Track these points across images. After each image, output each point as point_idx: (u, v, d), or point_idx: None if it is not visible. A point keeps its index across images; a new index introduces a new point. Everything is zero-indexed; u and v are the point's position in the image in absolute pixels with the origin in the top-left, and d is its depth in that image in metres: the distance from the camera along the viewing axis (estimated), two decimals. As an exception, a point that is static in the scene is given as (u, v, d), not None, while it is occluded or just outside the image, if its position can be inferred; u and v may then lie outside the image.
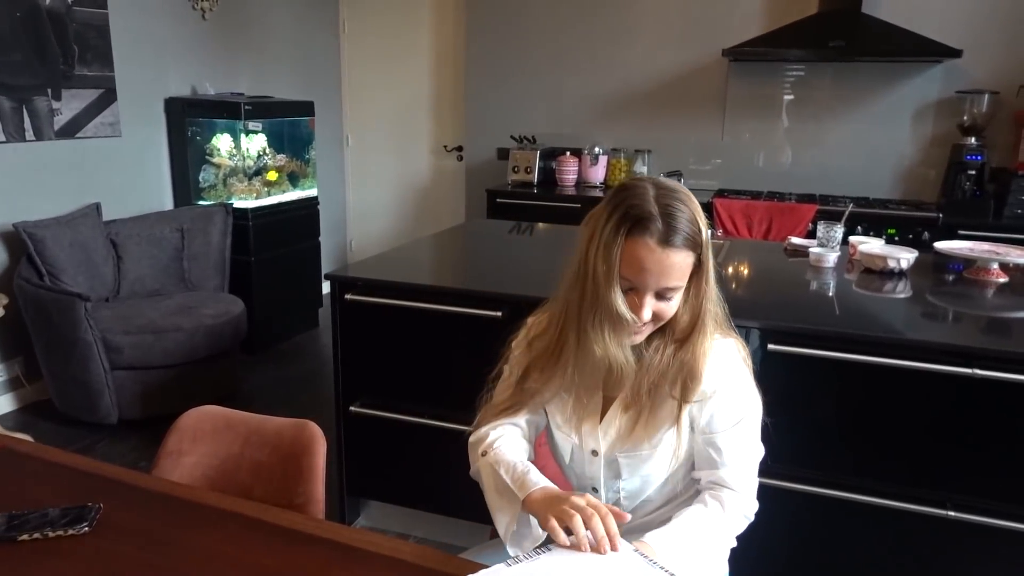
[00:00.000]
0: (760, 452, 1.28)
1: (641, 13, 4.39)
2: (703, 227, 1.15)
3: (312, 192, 4.57)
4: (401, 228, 5.44)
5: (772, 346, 1.84)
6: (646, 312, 1.15)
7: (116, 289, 3.57)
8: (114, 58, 3.74)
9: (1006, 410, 1.74)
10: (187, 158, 4.11)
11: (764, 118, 4.28)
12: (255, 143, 4.13)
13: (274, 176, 4.27)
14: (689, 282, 1.18)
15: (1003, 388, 1.71)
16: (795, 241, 2.75)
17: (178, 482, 1.42)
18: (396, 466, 2.39)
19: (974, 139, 3.77)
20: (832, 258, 2.43)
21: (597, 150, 4.47)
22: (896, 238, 3.62)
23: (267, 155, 4.22)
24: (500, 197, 4.35)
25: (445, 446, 2.22)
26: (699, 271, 1.18)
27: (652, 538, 1.14)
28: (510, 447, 1.28)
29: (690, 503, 1.27)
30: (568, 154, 4.50)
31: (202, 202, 4.13)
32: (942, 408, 1.79)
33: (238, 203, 4.05)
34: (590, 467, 1.31)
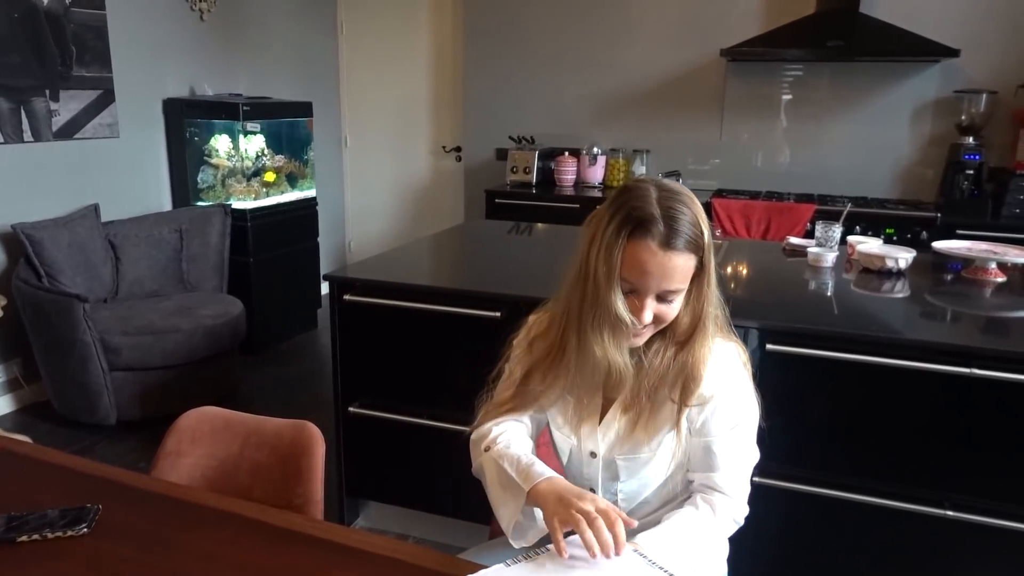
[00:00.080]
0: (755, 457, 1.27)
1: (639, 13, 4.39)
2: (705, 230, 1.15)
3: (311, 193, 4.57)
4: (400, 229, 5.44)
5: (770, 346, 1.84)
6: (647, 315, 1.15)
7: (115, 290, 3.57)
8: (112, 59, 3.74)
9: (1004, 409, 1.74)
10: (185, 159, 4.11)
11: (762, 118, 4.29)
12: (253, 144, 4.13)
13: (272, 177, 4.27)
14: (690, 285, 1.17)
15: (1001, 387, 1.72)
16: (793, 241, 2.75)
17: (177, 483, 1.42)
18: (395, 467, 2.39)
19: (972, 139, 3.77)
20: (830, 258, 2.44)
21: (595, 150, 4.47)
22: (894, 238, 3.62)
23: (266, 156, 4.22)
24: (499, 197, 4.35)
25: (444, 446, 2.23)
26: (701, 274, 1.17)
27: (642, 539, 1.14)
28: (514, 442, 1.27)
29: (683, 504, 1.26)
30: (566, 154, 4.51)
31: (200, 203, 4.13)
32: (940, 407, 1.79)
33: (237, 204, 4.05)
34: (588, 469, 1.31)
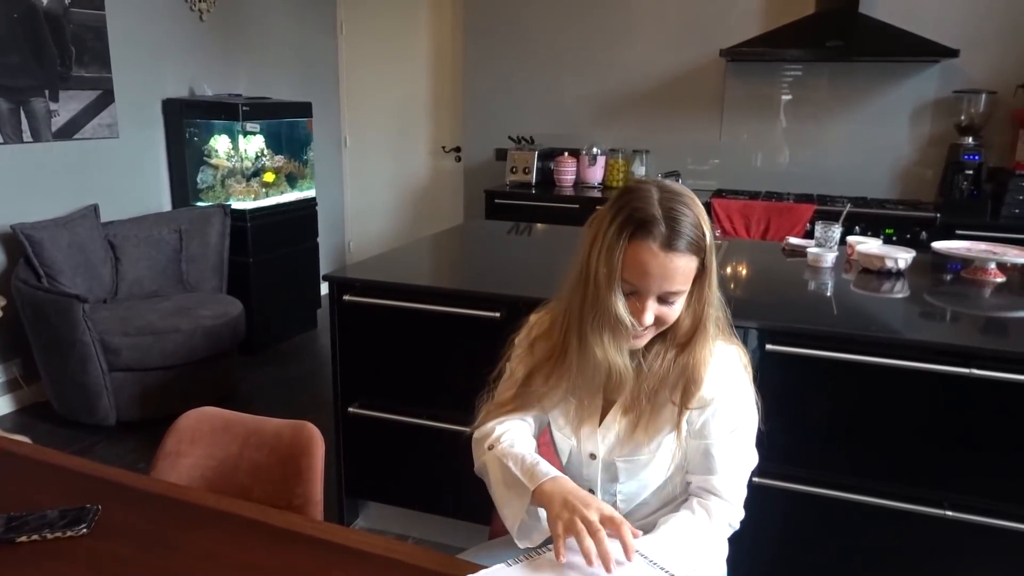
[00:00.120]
0: (753, 462, 1.27)
1: (638, 14, 4.39)
2: (707, 231, 1.14)
3: (310, 193, 4.57)
4: (399, 229, 5.44)
5: (770, 346, 1.84)
6: (648, 316, 1.14)
7: (114, 290, 3.57)
8: (111, 59, 3.74)
9: (1004, 410, 1.74)
10: (185, 159, 4.11)
11: (762, 118, 4.29)
12: (253, 144, 4.13)
13: (271, 177, 4.27)
14: (692, 286, 1.16)
15: (1001, 388, 1.72)
16: (793, 241, 2.75)
17: (176, 483, 1.42)
18: (395, 467, 2.39)
19: (971, 139, 3.77)
20: (830, 258, 2.44)
21: (595, 151, 4.47)
22: (894, 238, 3.62)
23: (265, 156, 4.22)
24: (498, 198, 4.35)
25: (444, 447, 2.23)
26: (702, 275, 1.16)
27: (639, 544, 1.14)
28: (517, 440, 1.26)
29: (682, 505, 1.26)
30: (566, 155, 4.51)
31: (200, 203, 4.13)
32: (940, 408, 1.79)
33: (236, 204, 4.05)
34: (587, 470, 1.30)
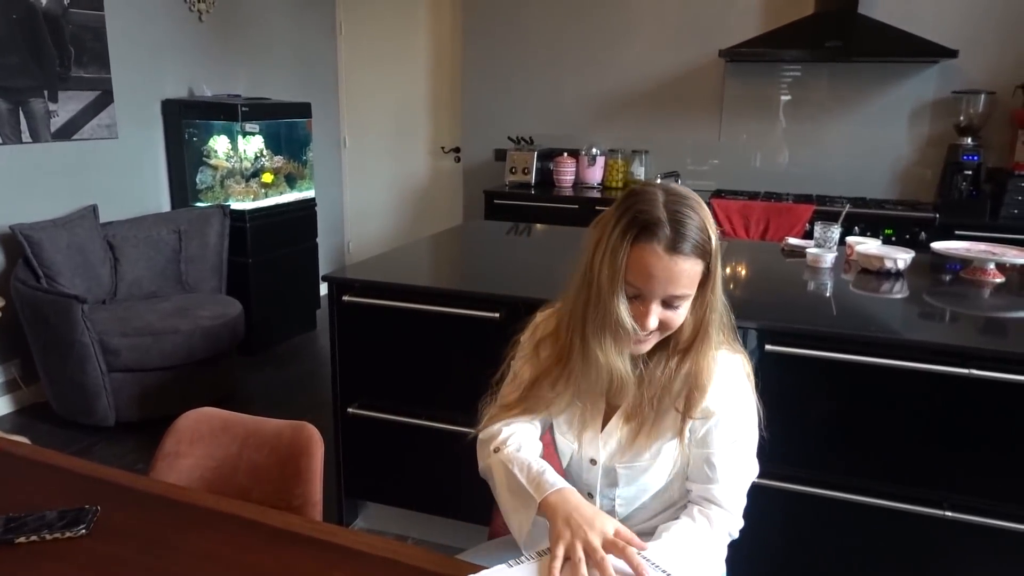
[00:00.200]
0: (754, 472, 1.26)
1: (637, 14, 4.39)
2: (713, 235, 1.13)
3: (309, 194, 4.56)
4: (399, 229, 5.44)
5: (769, 346, 1.84)
6: (652, 320, 1.13)
7: (113, 291, 3.57)
8: (111, 60, 3.74)
9: (1003, 410, 1.74)
10: (184, 160, 4.11)
11: (761, 119, 4.29)
12: (252, 145, 4.12)
13: (270, 178, 4.26)
14: (696, 291, 1.15)
15: (1000, 388, 1.72)
16: (792, 241, 2.75)
17: (175, 484, 1.42)
18: (394, 468, 2.39)
19: (970, 139, 3.78)
20: (829, 258, 2.44)
21: (594, 151, 4.47)
22: (893, 238, 3.62)
23: (264, 157, 4.22)
24: (497, 198, 4.35)
25: (443, 447, 2.23)
26: (707, 280, 1.15)
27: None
28: (523, 444, 1.26)
29: (681, 510, 1.26)
30: (565, 155, 4.51)
31: (199, 204, 4.12)
32: (939, 408, 1.79)
33: (235, 205, 4.04)
34: (587, 475, 1.30)
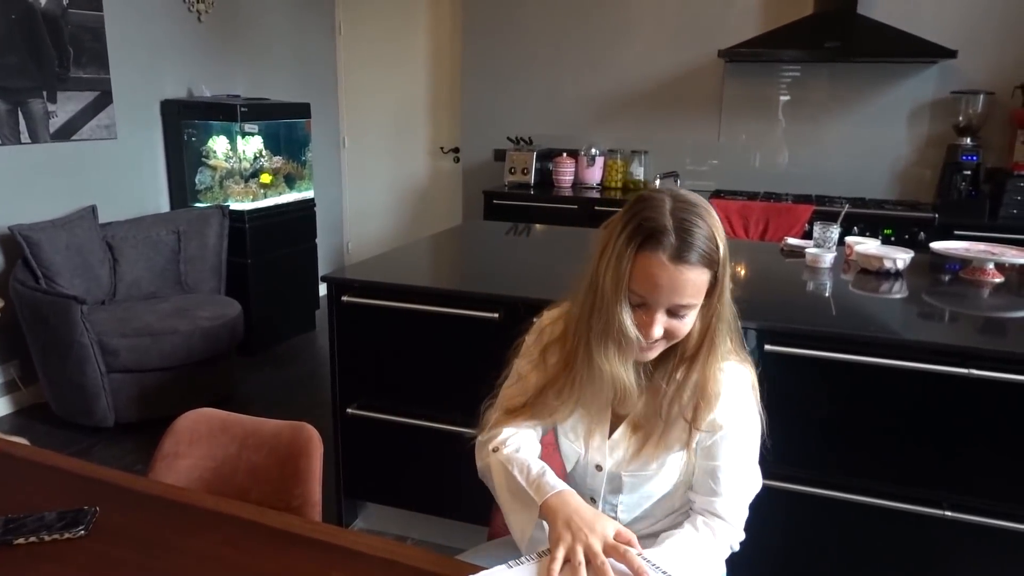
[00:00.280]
0: (757, 485, 1.26)
1: (637, 14, 4.39)
2: (721, 244, 1.11)
3: (309, 194, 4.56)
4: (398, 230, 5.44)
5: (769, 346, 1.84)
6: (656, 330, 1.12)
7: (112, 292, 3.57)
8: (110, 60, 3.73)
9: (1002, 410, 1.74)
10: (183, 160, 4.11)
11: (760, 119, 4.29)
12: (251, 145, 4.12)
13: (268, 179, 4.26)
14: (704, 299, 1.13)
15: (999, 388, 1.72)
16: (791, 242, 2.75)
17: (174, 485, 1.42)
18: (394, 468, 2.39)
19: (969, 139, 3.78)
20: (828, 258, 2.44)
21: (594, 151, 4.47)
22: (892, 238, 3.62)
23: (263, 157, 4.22)
24: (497, 198, 4.35)
25: (443, 448, 2.23)
26: (714, 289, 1.13)
27: (644, 554, 1.14)
28: (523, 445, 1.26)
29: (683, 517, 1.26)
30: (564, 155, 4.51)
31: (198, 204, 4.12)
32: (938, 408, 1.79)
33: (234, 205, 4.04)
34: (592, 480, 1.30)
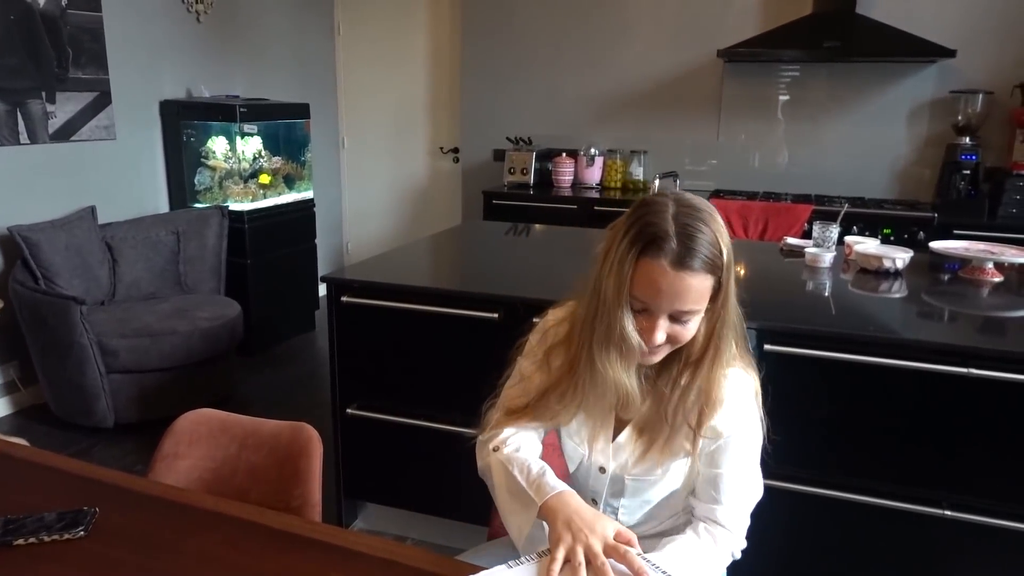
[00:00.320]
0: (758, 494, 1.25)
1: (636, 14, 4.39)
2: (725, 249, 1.10)
3: (308, 194, 4.56)
4: (397, 230, 5.44)
5: (768, 346, 1.84)
6: (659, 335, 1.11)
7: (111, 292, 3.57)
8: (109, 61, 3.73)
9: (1002, 409, 1.74)
10: (182, 161, 4.11)
11: (759, 119, 4.29)
12: (251, 146, 4.12)
13: (267, 179, 4.26)
14: (708, 303, 1.13)
15: (999, 387, 1.72)
16: (791, 241, 2.75)
17: (174, 485, 1.41)
18: (393, 468, 2.39)
19: (969, 139, 3.78)
20: (828, 258, 2.44)
21: (593, 151, 4.47)
22: (891, 238, 3.62)
23: (263, 158, 4.21)
24: (496, 199, 4.35)
25: (443, 448, 2.23)
26: (719, 294, 1.12)
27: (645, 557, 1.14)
28: (524, 445, 1.26)
29: (684, 519, 1.26)
30: (564, 155, 4.51)
31: (197, 205, 4.12)
32: (938, 407, 1.79)
33: (234, 206, 4.04)
34: (595, 482, 1.30)
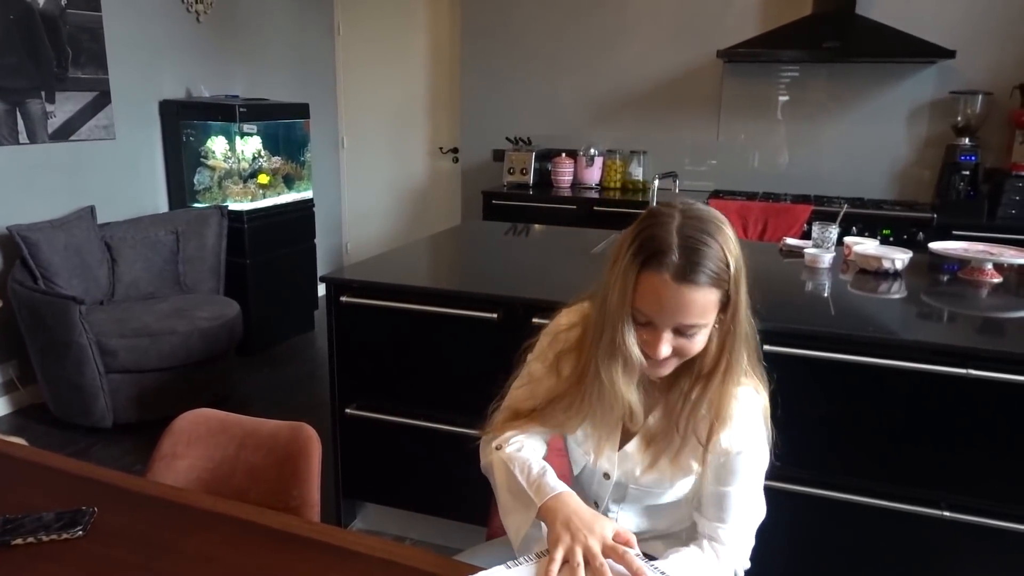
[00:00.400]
0: (762, 514, 1.24)
1: (635, 14, 4.39)
2: (732, 262, 1.07)
3: (307, 194, 4.56)
4: (397, 230, 5.44)
5: (767, 347, 1.83)
6: (663, 349, 1.09)
7: (111, 292, 3.56)
8: (108, 60, 3.73)
9: (1001, 410, 1.74)
10: (182, 161, 4.11)
11: (759, 119, 4.29)
12: (250, 145, 4.12)
13: (266, 179, 4.26)
14: (717, 316, 1.10)
15: (998, 388, 1.72)
16: (790, 242, 2.75)
17: (173, 485, 1.41)
18: (392, 468, 2.39)
19: (968, 140, 3.78)
20: (827, 259, 2.44)
21: (592, 151, 4.47)
22: (891, 239, 3.62)
23: (262, 157, 4.21)
24: (496, 199, 4.35)
25: (442, 448, 2.23)
26: (728, 307, 1.10)
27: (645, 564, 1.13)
28: (526, 444, 1.26)
29: (685, 524, 1.26)
30: (563, 155, 4.51)
31: (197, 205, 4.12)
32: (937, 408, 1.79)
33: (233, 205, 4.04)
34: (599, 488, 1.29)
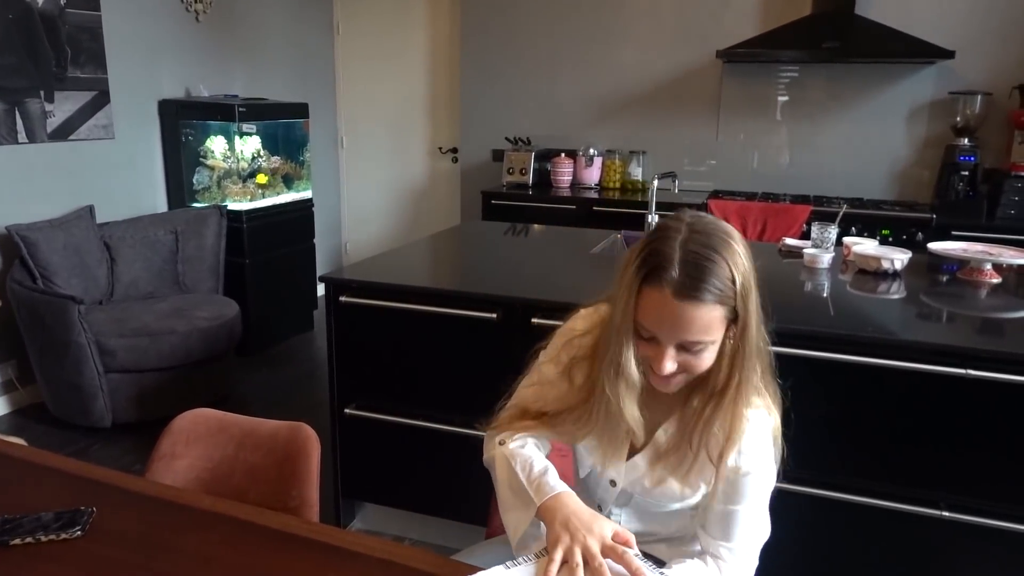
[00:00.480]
0: (766, 534, 1.23)
1: (635, 14, 4.39)
2: (739, 278, 1.05)
3: (307, 194, 4.56)
4: (396, 230, 5.44)
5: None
6: (667, 365, 1.08)
7: (110, 292, 3.56)
8: (107, 60, 3.73)
9: (1000, 410, 1.74)
10: (181, 160, 4.10)
11: (758, 119, 4.29)
12: (249, 145, 4.12)
13: (264, 179, 4.25)
14: (725, 334, 1.08)
15: (997, 388, 1.72)
16: (790, 242, 2.75)
17: (172, 485, 1.42)
18: (391, 468, 2.39)
19: (967, 140, 3.78)
20: (826, 259, 2.44)
21: (592, 152, 4.48)
22: (890, 239, 3.63)
23: (261, 157, 4.21)
24: (495, 199, 4.35)
25: (441, 448, 2.23)
26: (736, 324, 1.07)
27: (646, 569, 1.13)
28: (530, 442, 1.25)
29: (687, 532, 1.26)
30: (563, 155, 4.51)
31: (196, 204, 4.12)
32: (936, 409, 1.79)
33: (232, 205, 4.04)
34: (604, 492, 1.29)
